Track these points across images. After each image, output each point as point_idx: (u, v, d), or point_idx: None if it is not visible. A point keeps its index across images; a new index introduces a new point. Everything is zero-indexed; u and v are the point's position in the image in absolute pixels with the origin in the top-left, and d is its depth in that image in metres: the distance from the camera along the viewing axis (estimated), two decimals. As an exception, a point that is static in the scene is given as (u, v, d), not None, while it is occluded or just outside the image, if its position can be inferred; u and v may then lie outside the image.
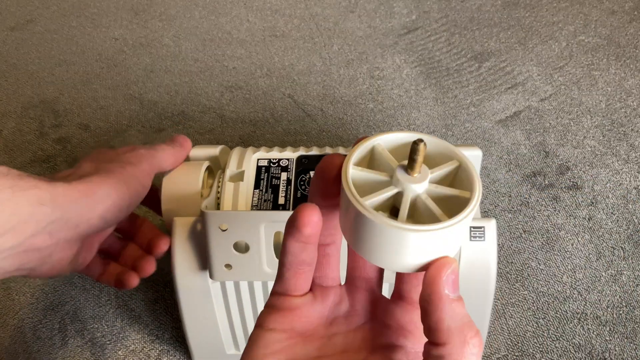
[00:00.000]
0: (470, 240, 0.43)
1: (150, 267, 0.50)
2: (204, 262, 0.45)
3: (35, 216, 0.36)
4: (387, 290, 0.45)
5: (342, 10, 0.91)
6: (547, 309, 0.57)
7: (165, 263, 0.62)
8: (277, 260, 0.43)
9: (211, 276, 0.45)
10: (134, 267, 0.50)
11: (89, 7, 0.93)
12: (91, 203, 0.39)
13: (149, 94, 0.80)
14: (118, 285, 0.49)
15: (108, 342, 0.57)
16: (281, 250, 0.27)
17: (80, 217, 0.39)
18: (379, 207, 0.25)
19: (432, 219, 0.24)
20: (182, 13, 0.92)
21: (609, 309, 0.57)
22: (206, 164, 0.49)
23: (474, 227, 0.43)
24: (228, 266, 0.43)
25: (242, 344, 0.51)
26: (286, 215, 0.41)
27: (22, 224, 0.36)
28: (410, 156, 0.24)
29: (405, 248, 0.24)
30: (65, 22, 0.91)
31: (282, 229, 0.41)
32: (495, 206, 0.65)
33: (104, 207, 0.40)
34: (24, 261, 0.38)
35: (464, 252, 0.43)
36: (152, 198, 0.50)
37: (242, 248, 0.43)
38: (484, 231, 0.43)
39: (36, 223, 0.36)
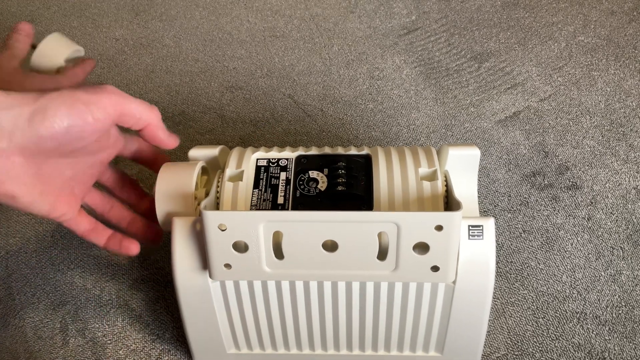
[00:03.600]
0: (469, 239, 0.43)
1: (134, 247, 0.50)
2: (204, 261, 0.45)
3: None
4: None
5: (342, 10, 0.91)
6: (547, 309, 0.58)
7: (166, 262, 0.62)
8: (276, 260, 0.43)
9: (211, 276, 0.45)
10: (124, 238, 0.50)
11: (89, 7, 0.93)
12: (22, 114, 0.38)
13: (150, 94, 0.80)
14: (117, 248, 0.49)
15: (109, 342, 0.57)
16: None
17: (10, 126, 0.38)
18: None
19: None
20: (183, 13, 0.92)
21: (608, 309, 0.57)
22: (201, 163, 0.49)
23: (472, 226, 0.43)
24: (227, 266, 0.43)
25: (243, 344, 0.51)
26: (285, 215, 0.41)
27: None
28: None
29: None
30: (66, 22, 0.91)
31: (281, 229, 0.42)
32: (495, 206, 0.66)
33: (39, 121, 0.38)
34: None
35: (462, 250, 0.43)
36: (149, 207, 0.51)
37: (241, 248, 0.43)
38: (482, 230, 0.43)
39: None
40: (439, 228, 0.40)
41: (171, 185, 0.47)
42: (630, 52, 0.82)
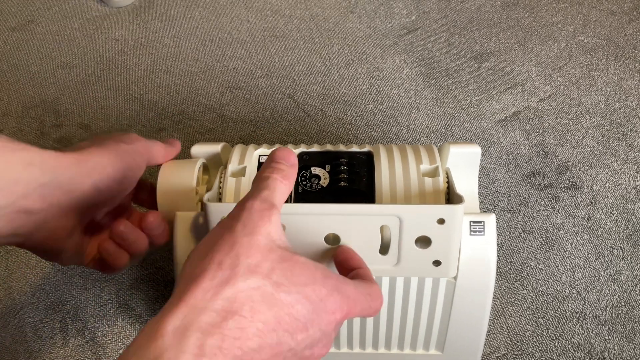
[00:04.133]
0: (470, 234, 0.44)
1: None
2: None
3: (25, 177, 0.37)
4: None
5: (342, 10, 0.91)
6: (547, 309, 0.58)
7: (166, 262, 0.62)
8: None
9: None
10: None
11: (90, 9, 0.93)
12: (83, 171, 0.40)
13: (150, 94, 0.80)
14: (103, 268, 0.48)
15: (109, 342, 0.57)
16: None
17: (72, 183, 0.39)
18: None
19: None
20: (183, 14, 0.92)
21: (608, 309, 0.57)
22: (201, 160, 0.49)
23: (473, 222, 0.44)
24: None
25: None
26: (288, 207, 0.41)
27: (12, 184, 0.36)
28: None
29: None
30: (67, 24, 0.91)
31: (284, 222, 0.42)
32: (495, 206, 0.66)
33: (97, 176, 0.41)
34: (17, 224, 0.38)
35: (463, 246, 0.44)
36: (149, 194, 0.51)
37: None
38: (483, 226, 0.44)
39: (26, 184, 0.37)
40: (441, 221, 0.40)
41: (173, 182, 0.47)
42: (630, 52, 0.82)
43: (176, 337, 0.26)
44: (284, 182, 0.34)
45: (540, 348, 0.55)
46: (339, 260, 0.40)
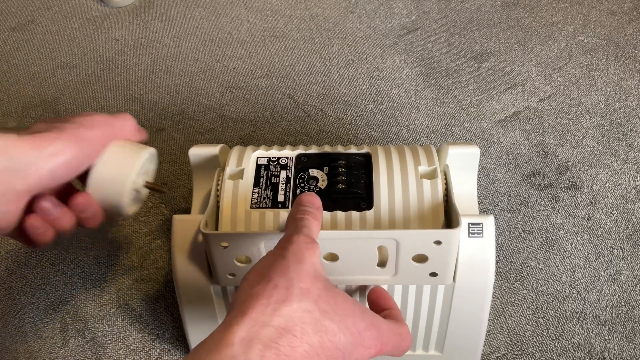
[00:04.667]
0: (469, 236, 0.43)
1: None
2: (204, 262, 0.45)
3: None
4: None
5: (342, 10, 0.91)
6: (547, 308, 0.58)
7: (166, 262, 0.62)
8: None
9: (216, 282, 0.45)
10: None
11: (90, 9, 0.93)
12: (41, 156, 0.40)
13: (150, 94, 0.80)
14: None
15: (109, 342, 0.57)
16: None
17: (29, 168, 0.39)
18: None
19: None
20: (183, 14, 0.92)
21: (608, 309, 0.57)
22: (148, 151, 0.44)
23: (472, 224, 0.43)
24: (232, 274, 0.44)
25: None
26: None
27: None
28: None
29: None
30: (67, 24, 0.91)
31: None
32: (495, 206, 0.66)
33: (54, 163, 0.40)
34: None
35: (462, 248, 0.44)
36: None
37: (244, 259, 0.43)
38: (482, 228, 0.43)
39: None
40: (438, 243, 0.41)
41: (111, 168, 0.43)
42: (630, 52, 0.82)
43: (243, 346, 0.30)
44: (315, 222, 0.38)
45: (540, 348, 0.55)
46: (372, 298, 0.42)
